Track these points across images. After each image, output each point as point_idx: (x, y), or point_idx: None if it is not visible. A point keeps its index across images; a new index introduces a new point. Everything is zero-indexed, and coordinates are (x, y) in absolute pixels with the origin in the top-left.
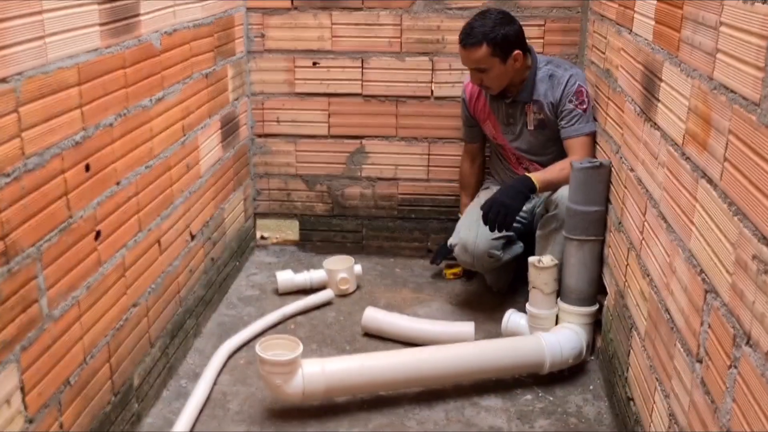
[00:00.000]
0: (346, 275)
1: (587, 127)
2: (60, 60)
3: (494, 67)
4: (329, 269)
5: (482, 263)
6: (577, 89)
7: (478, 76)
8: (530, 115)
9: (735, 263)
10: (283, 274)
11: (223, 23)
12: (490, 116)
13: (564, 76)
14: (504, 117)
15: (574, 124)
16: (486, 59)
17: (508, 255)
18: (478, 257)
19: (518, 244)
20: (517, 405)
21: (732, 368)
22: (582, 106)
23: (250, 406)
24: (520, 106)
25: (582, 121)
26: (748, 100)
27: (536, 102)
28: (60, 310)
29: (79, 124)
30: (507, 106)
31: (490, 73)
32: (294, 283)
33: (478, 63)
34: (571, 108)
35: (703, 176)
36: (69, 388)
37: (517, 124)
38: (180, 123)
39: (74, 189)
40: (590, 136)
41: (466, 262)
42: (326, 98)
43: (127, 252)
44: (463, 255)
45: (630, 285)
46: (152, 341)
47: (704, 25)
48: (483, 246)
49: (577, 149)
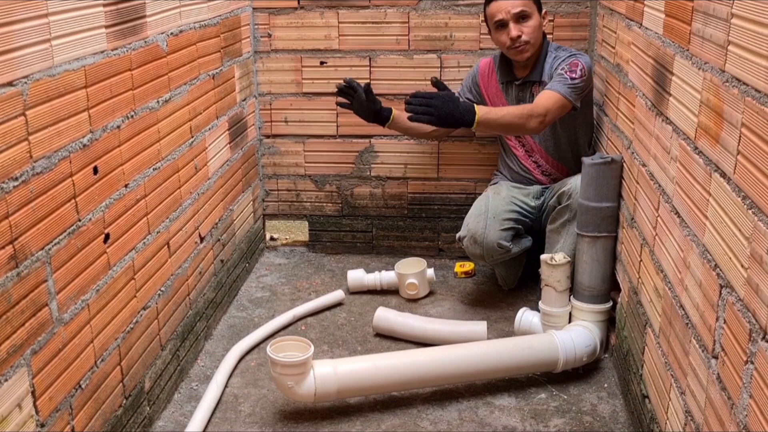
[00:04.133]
0: (415, 280)
1: (562, 89)
2: (66, 63)
3: (534, 15)
4: (399, 273)
5: (492, 254)
6: (574, 61)
7: (518, 27)
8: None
9: (750, 257)
10: (354, 273)
11: (230, 23)
12: (501, 99)
13: (566, 54)
14: (514, 100)
15: (555, 82)
16: (529, 4)
17: (517, 248)
18: (488, 248)
19: (527, 237)
20: (531, 404)
21: (748, 363)
22: (571, 74)
23: (261, 408)
24: (529, 87)
25: (564, 83)
26: (761, 93)
27: (543, 83)
28: (70, 313)
29: (86, 126)
30: (517, 87)
31: (530, 22)
32: (363, 282)
33: (523, 6)
34: (560, 72)
35: (717, 170)
36: (80, 391)
37: None
38: (188, 124)
39: (82, 192)
40: (562, 98)
41: (475, 254)
42: (334, 97)
43: (137, 255)
44: (472, 246)
45: (644, 281)
46: (163, 344)
47: (715, 17)
48: (492, 237)
49: (543, 98)
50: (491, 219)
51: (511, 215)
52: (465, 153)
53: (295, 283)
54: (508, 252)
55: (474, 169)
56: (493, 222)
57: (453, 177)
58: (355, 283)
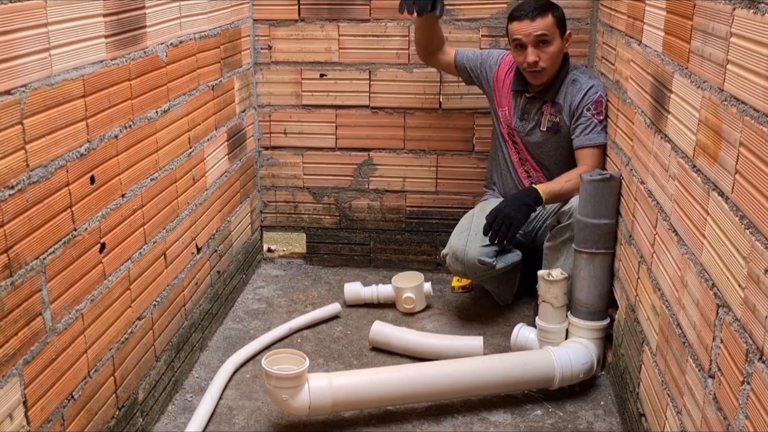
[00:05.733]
0: (412, 295)
1: (600, 138)
2: (65, 72)
3: (555, 40)
4: (396, 287)
5: (474, 271)
6: (597, 98)
7: (537, 52)
8: (546, 115)
9: (747, 277)
10: (350, 286)
11: (230, 35)
12: (509, 103)
13: (587, 84)
14: (520, 111)
15: (588, 133)
16: (551, 28)
17: (502, 263)
18: (469, 265)
19: (515, 252)
20: (526, 421)
21: (745, 384)
22: (599, 116)
23: (256, 421)
24: (538, 104)
25: (596, 131)
26: (760, 112)
27: (556, 104)
28: (64, 323)
29: (84, 136)
30: (527, 100)
31: (550, 48)
32: (360, 296)
33: (545, 30)
34: (588, 116)
35: (715, 189)
36: (73, 402)
37: (530, 122)
38: (186, 135)
39: (79, 201)
40: (602, 148)
41: (457, 270)
42: (333, 110)
43: (132, 265)
44: (454, 264)
45: (641, 299)
46: (157, 355)
47: (714, 36)
48: (473, 253)
49: (587, 159)
50: (473, 236)
51: None
52: (463, 167)
53: (292, 296)
54: (493, 268)
55: (472, 183)
56: (474, 239)
57: (451, 191)
58: (352, 296)
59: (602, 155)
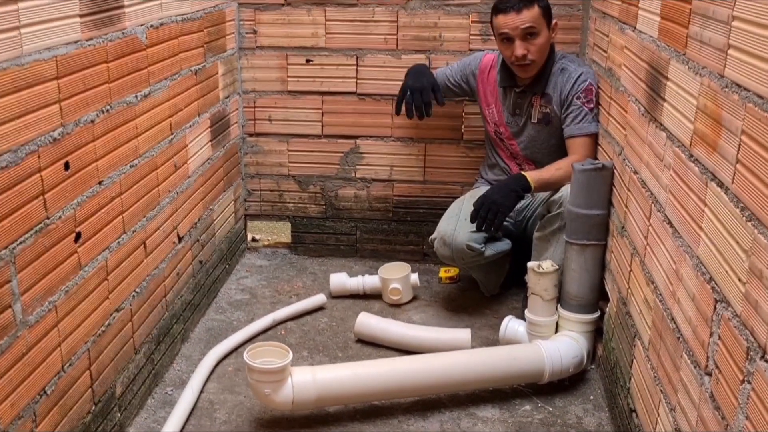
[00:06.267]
0: (398, 285)
1: (591, 127)
2: (36, 52)
3: (542, 31)
4: (382, 278)
5: (462, 257)
6: (587, 87)
7: (525, 45)
8: (536, 107)
9: (749, 272)
10: (336, 276)
11: (214, 18)
12: (496, 102)
13: (576, 72)
14: (511, 106)
15: (579, 122)
16: (538, 19)
17: (491, 250)
18: (457, 250)
19: (504, 240)
20: (515, 416)
21: (745, 383)
22: (589, 104)
23: (237, 416)
24: (529, 97)
25: (587, 120)
26: (764, 99)
27: (545, 95)
28: (36, 316)
29: (57, 119)
30: (516, 95)
31: (538, 40)
32: (345, 287)
33: (532, 22)
34: (578, 105)
35: (713, 179)
36: (45, 397)
37: (523, 116)
38: (167, 121)
39: (52, 188)
40: (593, 137)
41: (445, 255)
42: (320, 96)
43: (110, 255)
44: (442, 248)
45: (633, 292)
46: (137, 347)
47: (715, 20)
48: (462, 238)
49: (578, 148)
50: (462, 221)
51: None
52: (452, 156)
53: (276, 286)
54: (481, 255)
55: (461, 172)
56: (463, 224)
57: (439, 180)
58: (338, 287)
59: (593, 144)
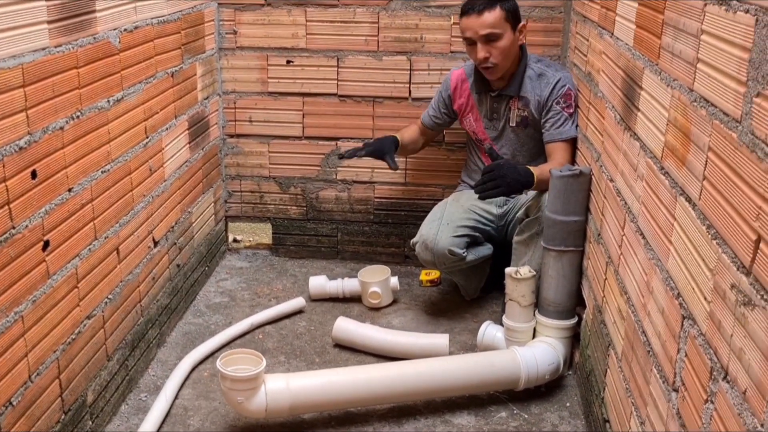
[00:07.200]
0: (378, 289)
1: (571, 131)
2: (1, 60)
3: (506, 34)
4: (362, 281)
5: (444, 261)
6: (566, 92)
7: (486, 48)
8: (514, 110)
9: (713, 291)
10: (315, 279)
11: (192, 19)
12: (473, 109)
13: (554, 77)
14: (488, 111)
15: (558, 127)
16: (500, 23)
17: (472, 255)
18: (439, 254)
19: (486, 246)
20: (490, 423)
21: (708, 403)
22: (569, 109)
23: (212, 423)
24: (505, 100)
25: (567, 124)
26: (729, 116)
27: (522, 98)
28: (0, 327)
29: (23, 128)
30: (492, 99)
31: (500, 43)
32: (325, 290)
33: (493, 27)
34: (557, 110)
35: (682, 193)
36: (11, 409)
37: (500, 120)
38: (142, 124)
39: (18, 197)
40: (573, 141)
41: (426, 260)
42: (300, 98)
43: (81, 262)
44: (423, 252)
45: (608, 301)
46: (109, 354)
47: (685, 32)
48: (444, 243)
49: (558, 153)
50: (444, 225)
51: (467, 222)
52: (433, 159)
53: (256, 289)
54: (463, 260)
55: (442, 174)
56: (446, 228)
57: (421, 182)
58: (317, 291)
59: (573, 148)
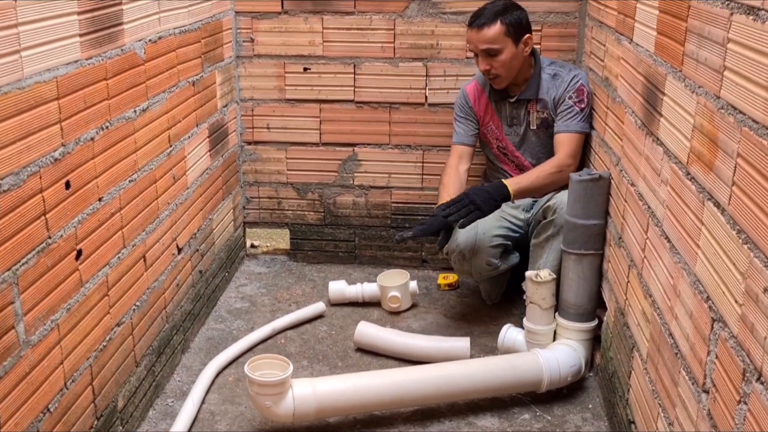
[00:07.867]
0: (397, 293)
1: (579, 126)
2: (37, 74)
3: (506, 48)
4: (381, 285)
5: (480, 272)
6: (579, 87)
7: (487, 61)
8: (533, 113)
9: (745, 294)
10: (335, 284)
11: (211, 28)
12: (493, 117)
13: (569, 75)
14: (508, 117)
15: (567, 119)
16: (499, 38)
17: (505, 265)
18: (477, 266)
19: (515, 254)
20: (514, 425)
21: (741, 404)
22: (580, 104)
23: (239, 427)
24: (524, 105)
25: (576, 118)
26: (759, 124)
27: (540, 100)
28: (38, 335)
29: (58, 140)
30: (511, 105)
31: (501, 57)
32: (344, 295)
33: (491, 43)
34: (569, 104)
35: (710, 198)
36: (49, 415)
37: (521, 125)
38: (166, 133)
39: (53, 208)
40: (581, 135)
41: (463, 270)
42: (317, 105)
43: (111, 270)
44: (460, 263)
45: (631, 303)
46: (138, 360)
47: (710, 41)
48: (483, 254)
49: (565, 145)
50: (481, 235)
51: (501, 231)
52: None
53: (276, 294)
54: (497, 269)
55: None
56: (483, 239)
57: (437, 187)
58: (337, 295)
59: (580, 143)
